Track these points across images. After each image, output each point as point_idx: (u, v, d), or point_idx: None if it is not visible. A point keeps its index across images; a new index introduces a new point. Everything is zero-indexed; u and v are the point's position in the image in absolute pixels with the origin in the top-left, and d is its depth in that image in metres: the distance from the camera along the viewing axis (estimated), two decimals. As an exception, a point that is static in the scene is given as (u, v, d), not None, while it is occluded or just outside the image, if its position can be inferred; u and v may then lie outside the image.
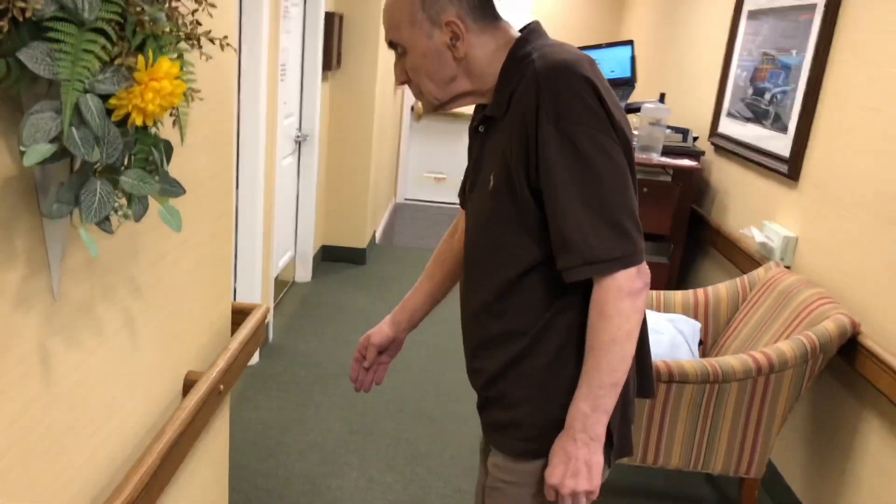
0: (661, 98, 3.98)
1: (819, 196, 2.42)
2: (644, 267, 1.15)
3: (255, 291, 3.34)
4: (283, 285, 4.20)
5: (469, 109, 6.46)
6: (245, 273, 3.29)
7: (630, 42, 4.10)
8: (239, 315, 1.91)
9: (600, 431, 1.17)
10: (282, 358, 3.43)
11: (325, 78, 4.37)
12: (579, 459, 1.16)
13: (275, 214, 3.63)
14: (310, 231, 4.42)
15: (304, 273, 4.49)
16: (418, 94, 1.27)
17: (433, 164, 6.79)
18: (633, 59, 4.12)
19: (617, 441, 1.26)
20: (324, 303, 4.16)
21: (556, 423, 1.22)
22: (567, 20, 6.08)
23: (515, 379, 1.26)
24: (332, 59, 4.25)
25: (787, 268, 2.53)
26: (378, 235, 5.54)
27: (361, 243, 4.91)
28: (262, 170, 3.18)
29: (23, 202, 0.91)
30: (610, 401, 1.16)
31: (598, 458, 1.17)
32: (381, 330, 1.58)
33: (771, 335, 2.21)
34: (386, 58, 4.91)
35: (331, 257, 4.90)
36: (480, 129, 1.27)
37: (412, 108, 6.58)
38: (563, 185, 1.10)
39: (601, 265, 1.11)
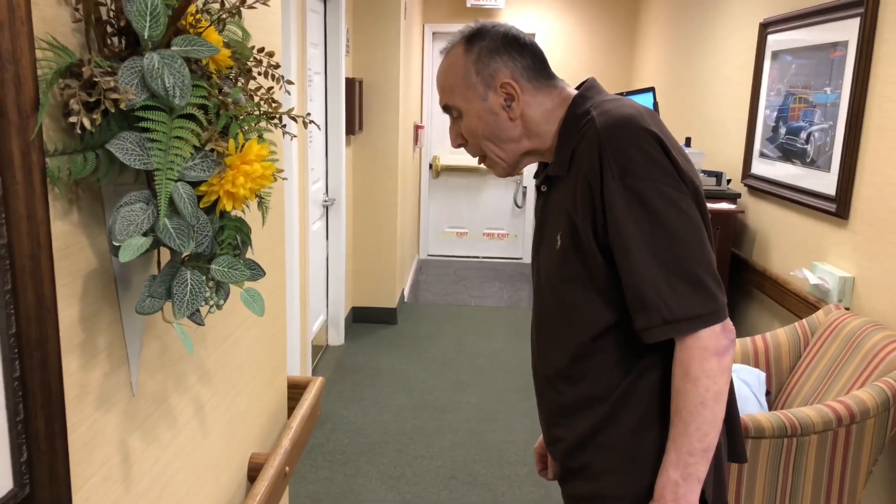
0: (688, 142, 3.96)
1: (873, 233, 2.36)
2: (729, 323, 1.09)
3: (295, 360, 3.28)
4: (317, 350, 4.14)
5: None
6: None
7: (651, 89, 4.11)
8: (294, 389, 1.85)
9: (693, 501, 1.10)
10: (323, 426, 3.34)
11: (348, 142, 4.40)
12: None
13: (308, 280, 3.59)
14: (340, 294, 4.38)
15: (336, 336, 4.44)
16: (482, 158, 1.26)
17: (454, 219, 6.79)
18: (655, 105, 4.12)
19: None
20: (359, 366, 4.09)
21: (645, 494, 1.15)
22: (578, 70, 6.14)
23: (598, 448, 1.19)
24: (354, 123, 4.28)
25: (847, 310, 2.44)
26: (406, 293, 5.50)
27: (391, 303, 4.86)
28: (296, 237, 3.17)
29: (104, 296, 0.88)
30: (702, 468, 1.09)
31: None
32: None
33: (843, 383, 2.11)
34: (405, 118, 4.95)
35: (362, 319, 4.85)
36: (543, 188, 1.25)
37: (430, 166, 6.62)
38: (635, 243, 1.06)
39: (682, 324, 1.05)
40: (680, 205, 1.06)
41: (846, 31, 2.56)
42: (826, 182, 2.67)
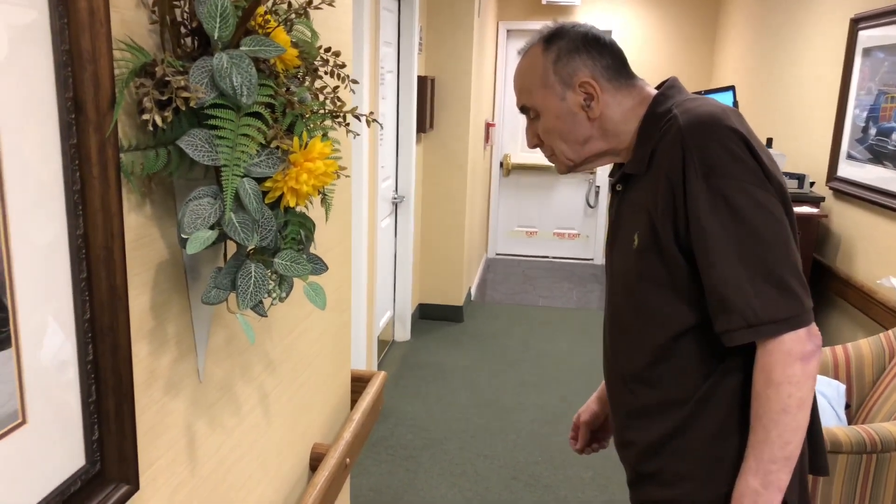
0: (769, 143, 3.81)
1: (970, 241, 2.21)
2: (814, 328, 1.05)
3: (360, 354, 3.34)
4: (383, 345, 4.19)
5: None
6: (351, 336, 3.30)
7: (731, 87, 3.97)
8: (357, 383, 1.88)
9: None
10: (387, 421, 3.39)
11: (418, 140, 4.44)
12: None
13: (376, 276, 3.65)
14: (407, 290, 4.43)
15: (402, 332, 4.49)
16: (550, 155, 1.25)
17: (523, 218, 6.74)
18: (735, 104, 3.98)
19: None
20: (424, 362, 4.12)
21: (722, 502, 1.11)
22: (655, 68, 5.99)
23: (674, 453, 1.16)
24: (425, 121, 4.31)
25: (938, 321, 2.30)
26: (473, 292, 5.51)
27: (458, 301, 4.87)
28: (365, 233, 3.22)
29: (174, 287, 0.91)
30: (784, 476, 1.05)
31: None
32: (589, 407, 1.52)
33: (931, 398, 1.99)
34: (476, 116, 4.95)
35: (428, 315, 4.88)
36: (618, 187, 1.23)
37: (501, 164, 6.60)
38: (719, 243, 1.03)
39: (766, 328, 1.02)
40: (766, 205, 1.04)
41: (945, 25, 2.41)
42: (918, 186, 2.52)
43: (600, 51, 1.17)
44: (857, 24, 3.09)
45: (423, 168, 4.68)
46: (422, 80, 4.23)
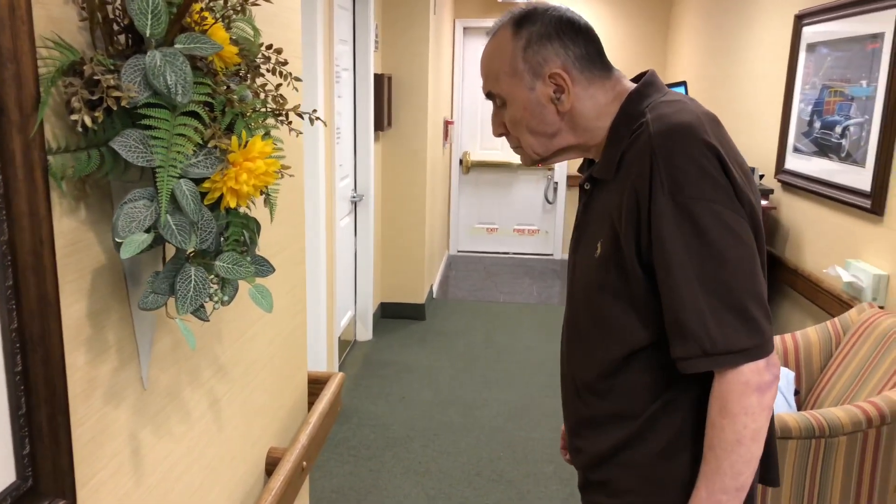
0: (721, 136, 3.88)
1: (910, 230, 2.28)
2: (774, 357, 0.99)
3: (321, 355, 3.31)
4: (344, 345, 4.16)
5: (508, 156, 6.48)
6: (310, 337, 3.26)
7: (683, 83, 4.04)
8: (314, 384, 1.86)
9: None
10: (349, 421, 3.37)
11: (377, 138, 4.42)
12: None
13: (336, 276, 3.62)
14: (368, 289, 4.40)
15: (364, 332, 4.46)
16: (517, 146, 1.17)
17: (484, 216, 6.76)
18: (687, 99, 4.05)
19: None
20: (386, 361, 4.11)
21: None
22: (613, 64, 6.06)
23: (621, 466, 1.13)
24: (383, 119, 4.29)
25: (882, 308, 2.37)
26: (435, 289, 5.50)
27: (420, 298, 4.87)
28: (323, 234, 3.19)
29: (113, 293, 0.89)
30: None
31: None
32: None
33: (875, 383, 2.05)
34: (434, 114, 4.95)
35: (390, 314, 4.86)
36: (586, 186, 1.17)
37: (461, 161, 6.60)
38: (680, 265, 0.98)
39: (723, 358, 0.97)
40: (733, 226, 0.98)
41: (883, 22, 2.48)
42: (861, 177, 2.59)
43: (574, 38, 1.08)
44: (801, 20, 3.17)
45: (383, 166, 4.66)
46: (378, 78, 4.21)
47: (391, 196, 4.71)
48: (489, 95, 1.14)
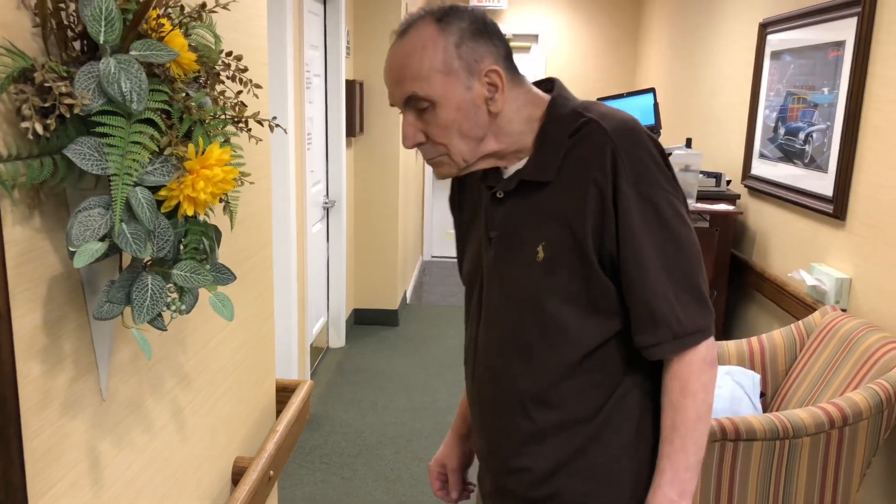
0: (688, 143, 3.94)
1: (870, 235, 2.33)
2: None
3: (292, 362, 3.28)
4: (317, 352, 4.14)
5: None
6: (281, 344, 3.24)
7: (652, 90, 4.09)
8: (283, 393, 1.85)
9: None
10: (321, 429, 3.34)
11: (349, 144, 4.41)
12: None
13: (307, 282, 3.60)
14: (341, 296, 4.39)
15: (337, 338, 4.44)
16: (439, 155, 1.06)
17: (458, 221, 6.78)
18: (655, 106, 4.10)
19: None
20: (359, 368, 4.09)
21: None
22: (582, 71, 6.11)
23: (575, 474, 1.11)
24: (355, 125, 4.28)
25: (844, 311, 2.42)
26: (408, 295, 5.49)
27: (393, 304, 4.86)
28: (293, 240, 3.17)
29: (70, 302, 0.88)
30: (694, 481, 1.06)
31: None
32: (454, 451, 1.40)
33: (838, 385, 2.09)
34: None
35: (363, 320, 4.85)
36: (499, 194, 1.11)
37: (435, 167, 6.61)
38: (649, 255, 1.01)
39: (689, 338, 1.03)
40: (683, 214, 1.05)
41: (844, 31, 2.54)
42: (824, 183, 2.65)
43: (499, 37, 1.05)
44: (765, 28, 3.23)
45: (355, 172, 4.65)
46: (350, 84, 4.20)
47: (364, 202, 4.70)
48: (409, 100, 1.02)
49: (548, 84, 1.14)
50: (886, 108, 2.28)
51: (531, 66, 6.17)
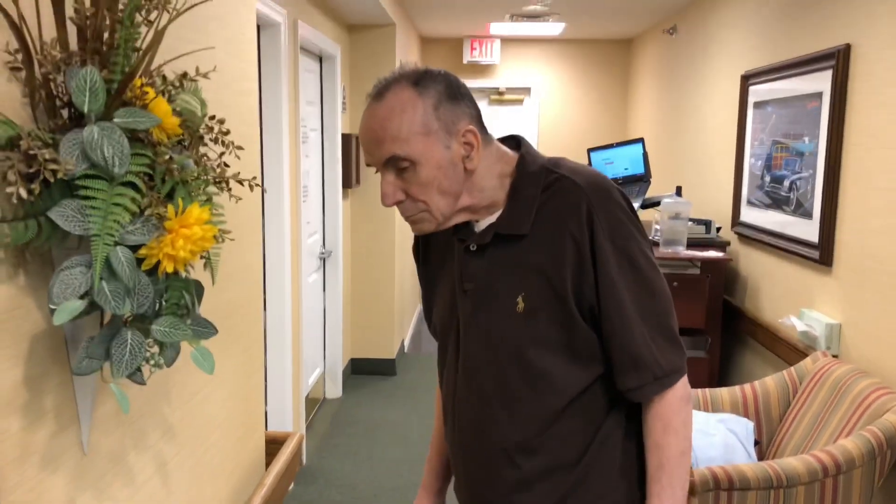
0: (678, 191, 3.99)
1: (857, 280, 2.36)
2: None
3: (287, 414, 3.27)
4: (313, 403, 4.12)
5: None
6: (275, 395, 3.23)
7: (641, 140, 4.17)
8: (273, 445, 1.85)
9: None
10: (316, 482, 3.31)
11: (345, 196, 4.47)
12: None
13: (303, 333, 3.61)
14: (338, 346, 4.38)
15: (334, 389, 4.42)
16: (419, 212, 1.08)
17: (456, 270, 6.81)
18: (645, 155, 4.17)
19: None
20: (356, 419, 4.06)
21: None
22: (574, 122, 6.24)
23: None
24: (351, 177, 4.35)
25: (835, 357, 2.43)
26: (406, 343, 5.49)
27: (390, 354, 4.85)
28: (288, 290, 3.19)
29: (52, 357, 0.90)
30: None
31: None
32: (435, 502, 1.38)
33: (831, 432, 2.09)
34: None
35: (360, 370, 4.83)
36: (472, 247, 1.13)
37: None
38: (628, 304, 1.07)
39: (668, 378, 1.09)
40: (653, 261, 1.11)
41: (821, 82, 2.61)
42: (810, 229, 2.68)
43: (471, 100, 1.10)
44: (747, 80, 3.32)
45: (352, 223, 4.70)
46: (346, 138, 4.29)
47: (361, 252, 4.74)
48: (389, 160, 1.04)
49: (511, 141, 1.18)
50: (865, 156, 2.33)
51: (524, 119, 6.30)
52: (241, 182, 0.96)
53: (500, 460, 1.14)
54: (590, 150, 4.25)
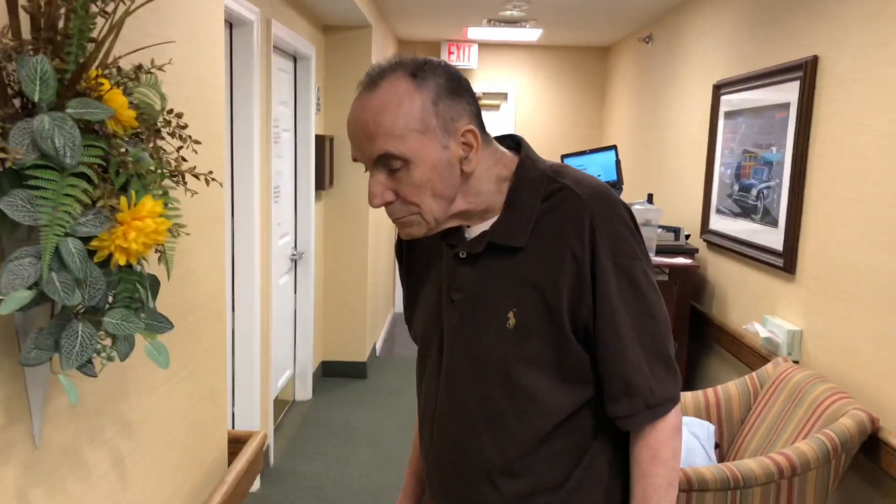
0: (650, 199, 4.05)
1: (819, 288, 2.40)
2: None
3: (255, 415, 3.25)
4: (283, 405, 4.09)
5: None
6: (243, 396, 3.21)
7: (613, 147, 4.21)
8: (236, 444, 1.84)
9: None
10: (283, 483, 3.29)
11: (318, 197, 4.46)
12: None
13: (272, 334, 3.59)
14: (309, 348, 4.36)
15: (304, 391, 4.40)
16: (410, 215, 1.00)
17: (431, 273, 6.81)
18: (617, 162, 4.21)
19: None
20: (325, 421, 4.05)
21: None
22: (550, 128, 6.29)
23: None
24: (324, 178, 4.34)
25: (796, 362, 2.47)
26: (378, 347, 5.48)
27: (362, 357, 4.84)
28: (258, 291, 3.18)
29: (3, 349, 0.89)
30: None
31: None
32: None
33: (788, 435, 2.12)
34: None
35: (331, 373, 4.81)
36: (462, 255, 1.06)
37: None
38: (625, 328, 1.01)
39: (661, 408, 1.03)
40: (654, 282, 1.04)
41: (789, 93, 2.66)
42: (775, 238, 2.73)
43: (472, 95, 1.01)
44: (718, 89, 3.37)
45: (325, 225, 4.69)
46: (320, 139, 4.28)
47: (333, 254, 4.73)
48: (381, 158, 0.95)
49: (509, 141, 1.11)
50: (829, 166, 2.38)
51: (501, 124, 6.33)
52: (196, 176, 0.96)
53: (481, 480, 1.08)
54: (563, 157, 4.28)
